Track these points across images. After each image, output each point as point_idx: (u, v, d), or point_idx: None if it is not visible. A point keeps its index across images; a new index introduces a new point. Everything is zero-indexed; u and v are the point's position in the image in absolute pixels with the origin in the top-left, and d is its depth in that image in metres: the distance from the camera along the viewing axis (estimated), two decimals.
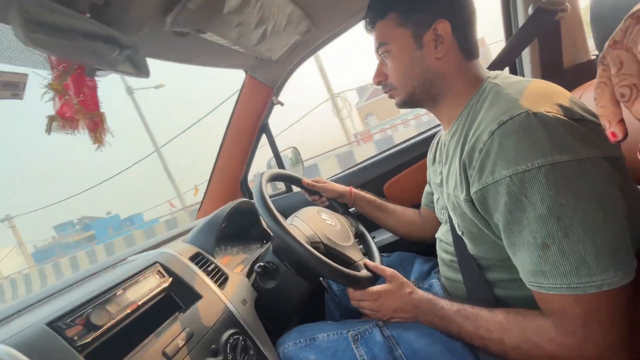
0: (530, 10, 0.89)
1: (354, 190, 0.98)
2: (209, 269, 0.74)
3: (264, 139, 1.34)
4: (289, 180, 0.98)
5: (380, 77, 0.66)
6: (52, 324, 0.45)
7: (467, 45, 0.59)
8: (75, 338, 0.45)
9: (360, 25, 0.70)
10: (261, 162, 1.49)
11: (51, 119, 0.52)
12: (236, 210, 0.94)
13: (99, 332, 0.48)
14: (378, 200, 0.99)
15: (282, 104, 1.23)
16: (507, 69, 0.95)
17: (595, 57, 0.89)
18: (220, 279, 0.74)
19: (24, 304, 0.57)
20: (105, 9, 0.55)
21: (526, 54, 0.95)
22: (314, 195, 1.00)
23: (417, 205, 0.98)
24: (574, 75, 0.91)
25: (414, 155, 1.16)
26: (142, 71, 0.67)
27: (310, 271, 0.74)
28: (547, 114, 0.44)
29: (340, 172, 1.31)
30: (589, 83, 0.71)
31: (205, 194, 1.33)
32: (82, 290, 0.55)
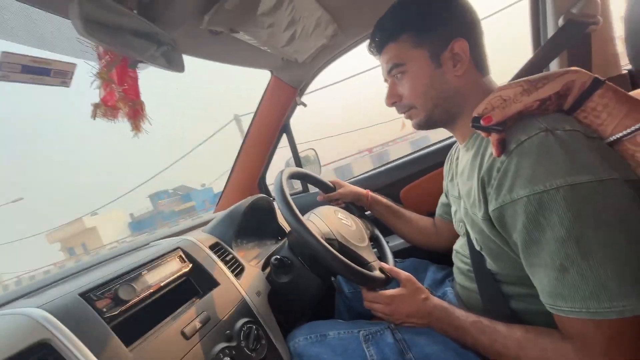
0: (560, 22, 0.88)
1: (371, 193, 0.99)
2: (227, 258, 0.77)
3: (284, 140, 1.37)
4: (308, 179, 1.00)
5: (394, 99, 0.65)
6: (84, 294, 0.48)
7: (481, 61, 0.60)
8: (104, 310, 0.48)
9: None
10: (279, 162, 1.52)
11: (96, 106, 0.56)
12: (254, 206, 0.97)
13: (125, 306, 0.51)
14: (394, 206, 0.99)
15: (305, 105, 1.25)
16: None
17: (626, 71, 0.88)
18: (237, 269, 0.76)
19: (59, 275, 0.61)
20: (150, 6, 0.59)
21: (554, 67, 0.94)
22: (329, 196, 1.02)
23: (432, 213, 0.97)
24: None
25: (432, 162, 1.16)
26: (177, 66, 0.71)
27: (324, 268, 0.75)
28: (566, 132, 0.43)
29: (359, 175, 1.32)
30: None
31: (224, 189, 1.37)
32: (111, 268, 0.58)
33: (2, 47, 0.54)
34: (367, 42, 0.69)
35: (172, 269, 0.64)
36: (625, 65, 0.90)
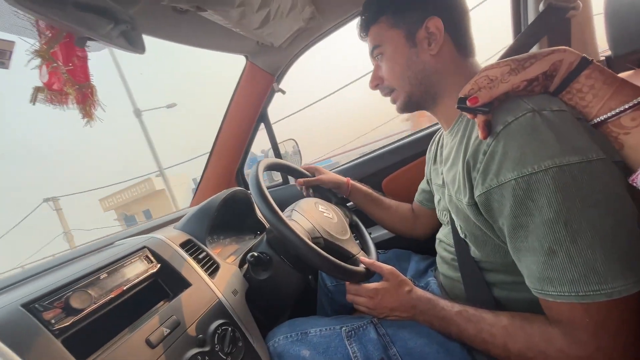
0: (541, 7, 0.87)
1: (351, 182, 0.97)
2: (200, 257, 0.72)
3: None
4: (287, 170, 0.96)
5: (377, 81, 0.66)
6: (28, 305, 0.42)
7: (461, 41, 0.59)
8: (53, 321, 0.42)
9: None
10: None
11: (37, 89, 0.49)
12: (230, 199, 0.91)
13: (79, 316, 0.45)
14: (374, 193, 0.98)
15: (283, 92, 1.20)
16: None
17: (604, 58, 0.88)
18: (211, 267, 0.71)
19: (3, 283, 0.54)
20: None
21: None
22: (309, 190, 0.98)
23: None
24: None
25: (413, 152, 1.14)
26: (137, 47, 0.64)
27: (306, 265, 0.72)
28: (553, 112, 0.42)
29: (341, 165, 1.29)
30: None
31: (200, 181, 1.30)
32: (64, 273, 0.52)
33: None
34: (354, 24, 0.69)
35: (136, 271, 0.58)
36: (602, 52, 0.90)
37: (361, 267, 0.67)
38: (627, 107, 0.39)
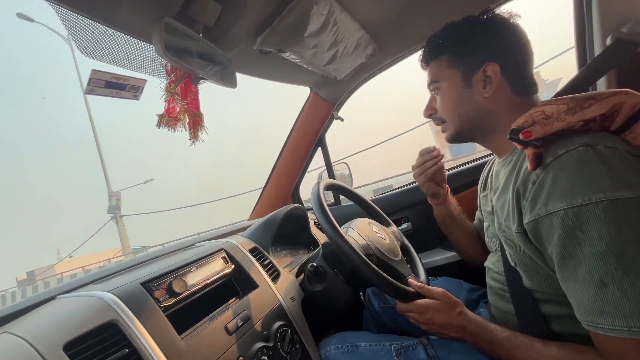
0: (608, 41, 0.86)
1: (449, 188, 0.95)
2: (265, 262, 0.81)
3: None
4: (344, 192, 1.03)
5: (430, 111, 0.71)
6: (145, 284, 0.54)
7: (519, 83, 0.61)
8: (160, 299, 0.53)
9: None
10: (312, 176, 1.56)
11: (161, 116, 0.63)
12: (289, 215, 1.00)
13: (178, 298, 0.55)
14: (462, 212, 0.95)
15: (342, 120, 1.30)
16: None
17: None
18: (274, 274, 0.80)
19: (120, 266, 0.68)
20: (212, 30, 0.67)
21: (601, 86, 0.91)
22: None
23: None
24: None
25: (470, 179, 1.14)
26: (230, 82, 0.78)
27: (358, 280, 0.77)
28: (607, 148, 0.43)
29: (389, 191, 1.33)
30: None
31: (260, 197, 1.43)
32: (164, 263, 0.64)
33: (90, 65, 0.63)
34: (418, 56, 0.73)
35: (217, 268, 0.68)
36: None
37: (412, 289, 0.70)
38: None
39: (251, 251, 0.81)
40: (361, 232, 0.80)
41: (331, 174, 1.41)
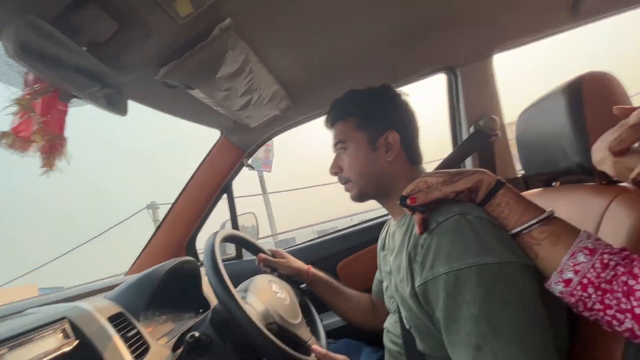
0: (471, 130, 1.08)
1: (312, 270, 0.95)
2: (129, 334, 0.63)
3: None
4: (246, 245, 0.94)
5: (336, 169, 0.73)
6: None
7: (412, 153, 0.70)
8: None
9: None
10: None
11: (3, 134, 0.48)
12: (176, 270, 0.85)
13: None
14: (335, 282, 0.96)
15: (252, 168, 1.25)
16: None
17: (521, 175, 1.08)
18: (140, 349, 0.62)
19: None
20: (104, 47, 0.57)
21: (469, 165, 1.12)
22: (267, 267, 0.95)
23: (368, 289, 0.96)
24: None
25: (369, 237, 1.19)
26: (119, 109, 0.67)
27: (253, 355, 0.66)
28: (475, 217, 0.50)
29: (298, 244, 1.29)
30: (522, 194, 0.83)
31: (144, 248, 1.20)
32: None
33: None
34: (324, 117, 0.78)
35: (46, 348, 0.49)
36: (520, 170, 1.11)
37: (313, 357, 0.64)
38: (534, 222, 0.48)
39: (112, 319, 0.62)
40: (261, 296, 0.72)
41: (235, 224, 1.31)
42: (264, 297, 0.71)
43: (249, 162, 1.24)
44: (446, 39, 1.01)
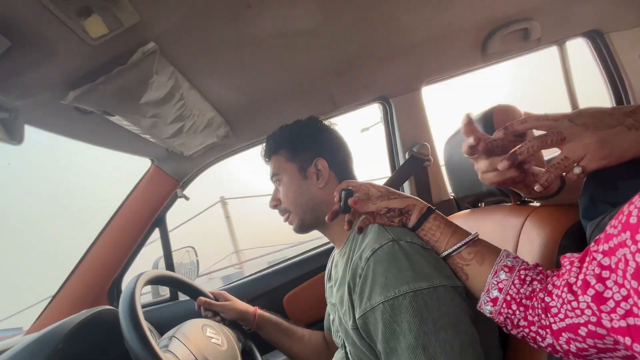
0: (407, 155, 1.15)
1: (259, 311, 0.88)
2: None
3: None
4: (181, 287, 0.84)
5: (275, 202, 0.75)
6: None
7: (344, 178, 0.72)
8: None
9: None
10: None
11: None
12: (90, 323, 0.72)
13: None
14: (284, 323, 0.90)
15: (187, 199, 1.16)
16: None
17: (452, 197, 1.16)
18: None
19: None
20: None
21: (407, 189, 1.17)
22: (209, 312, 0.86)
23: (318, 320, 0.92)
24: (439, 208, 1.14)
25: (315, 266, 1.16)
26: (14, 137, 0.58)
27: None
28: (407, 243, 0.52)
29: (237, 281, 1.20)
30: (453, 215, 0.89)
31: (52, 298, 1.01)
32: None
33: None
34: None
35: None
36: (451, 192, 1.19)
37: None
38: (462, 243, 0.51)
39: None
40: (190, 342, 0.63)
41: (169, 261, 1.18)
42: (195, 344, 0.63)
43: (184, 192, 1.15)
44: (380, 71, 1.08)
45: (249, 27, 0.72)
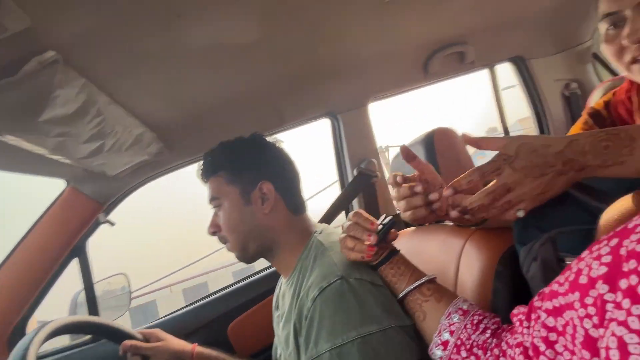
0: (355, 172, 1.14)
1: (198, 349, 0.78)
2: None
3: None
4: (98, 331, 0.72)
5: (213, 228, 0.67)
6: None
7: (292, 202, 0.67)
8: None
9: None
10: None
11: None
12: None
13: None
14: (229, 359, 0.81)
15: (112, 224, 1.02)
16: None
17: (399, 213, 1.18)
18: None
19: None
20: None
21: (356, 206, 1.17)
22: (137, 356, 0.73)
23: (266, 349, 0.86)
24: None
25: (262, 290, 1.09)
26: None
27: None
28: (357, 280, 0.50)
29: (174, 312, 1.08)
30: (399, 233, 0.89)
31: None
32: None
33: None
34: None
35: None
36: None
37: None
38: (424, 280, 0.51)
39: None
40: None
41: (91, 294, 1.02)
42: None
43: (109, 217, 1.00)
44: (327, 87, 1.07)
45: (180, 38, 0.65)
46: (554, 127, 1.26)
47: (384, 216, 0.55)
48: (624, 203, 0.36)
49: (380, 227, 0.52)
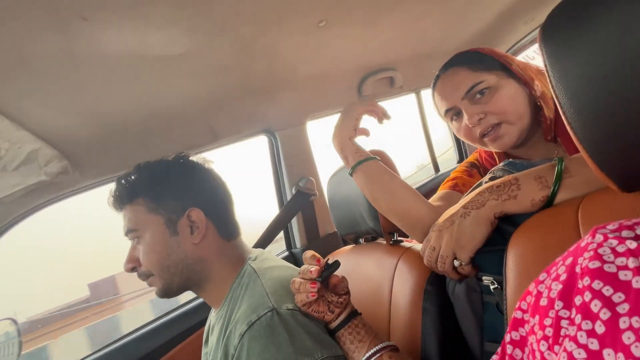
0: (293, 190, 1.12)
1: None
2: None
3: None
4: None
5: (133, 263, 0.59)
6: None
7: (225, 227, 0.61)
8: None
9: None
10: None
11: None
12: None
13: None
14: None
15: None
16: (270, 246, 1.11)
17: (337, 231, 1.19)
18: None
19: None
20: None
21: (295, 224, 1.14)
22: None
23: None
24: (326, 242, 1.16)
25: (195, 321, 0.99)
26: None
27: None
28: (289, 311, 0.48)
29: (96, 352, 0.91)
30: (337, 251, 0.89)
31: None
32: None
33: None
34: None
35: None
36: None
37: None
38: (385, 344, 0.49)
39: None
40: None
41: None
42: None
43: None
44: (264, 104, 1.05)
45: (86, 43, 0.57)
46: (470, 148, 1.42)
47: (332, 259, 0.54)
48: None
49: (325, 266, 0.50)
